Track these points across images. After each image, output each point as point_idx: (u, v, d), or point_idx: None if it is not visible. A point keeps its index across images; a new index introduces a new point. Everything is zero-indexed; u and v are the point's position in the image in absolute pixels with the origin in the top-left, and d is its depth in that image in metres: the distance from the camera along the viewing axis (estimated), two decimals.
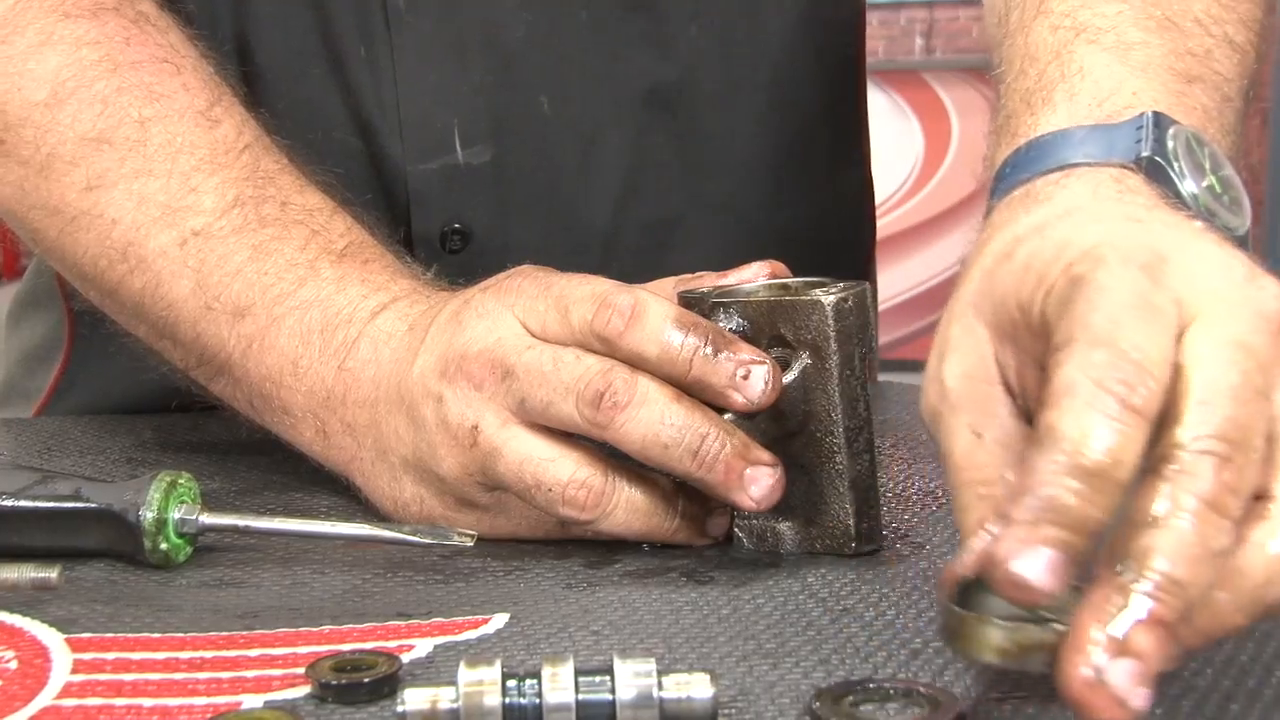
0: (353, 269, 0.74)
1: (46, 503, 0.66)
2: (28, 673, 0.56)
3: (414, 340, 0.69)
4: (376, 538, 0.66)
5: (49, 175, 0.77)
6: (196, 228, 0.75)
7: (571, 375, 0.64)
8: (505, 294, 0.67)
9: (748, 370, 0.63)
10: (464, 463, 0.66)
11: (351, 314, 0.72)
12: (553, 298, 0.66)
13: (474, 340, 0.66)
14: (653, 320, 0.64)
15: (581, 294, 0.65)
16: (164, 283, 0.75)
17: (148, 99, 0.77)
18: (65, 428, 0.91)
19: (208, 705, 0.53)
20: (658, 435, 0.63)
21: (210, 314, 0.74)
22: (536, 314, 0.66)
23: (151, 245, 0.75)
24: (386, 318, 0.72)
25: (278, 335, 0.73)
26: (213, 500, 0.70)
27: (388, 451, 0.70)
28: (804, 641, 0.57)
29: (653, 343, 0.64)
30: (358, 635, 0.59)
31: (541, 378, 0.64)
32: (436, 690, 0.49)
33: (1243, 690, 0.52)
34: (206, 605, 0.62)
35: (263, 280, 0.74)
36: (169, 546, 0.66)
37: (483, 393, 0.65)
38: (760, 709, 0.52)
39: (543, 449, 0.65)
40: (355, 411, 0.71)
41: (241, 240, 0.74)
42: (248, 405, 0.76)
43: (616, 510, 0.65)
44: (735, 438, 0.63)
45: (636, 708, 0.48)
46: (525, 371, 0.65)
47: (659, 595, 0.63)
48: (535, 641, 0.58)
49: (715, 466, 0.63)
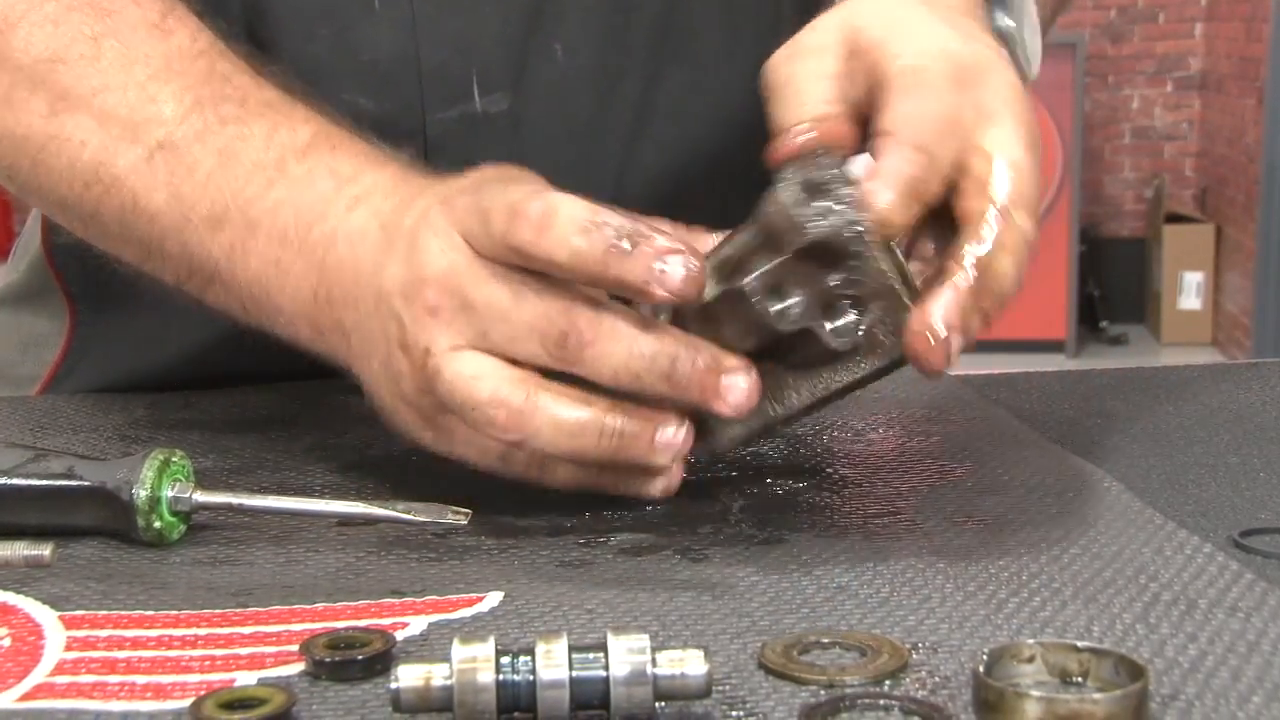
0: (320, 162, 0.73)
1: (39, 481, 0.66)
2: (21, 650, 0.56)
3: (384, 244, 0.68)
4: (370, 516, 0.66)
5: (12, 105, 0.78)
6: (160, 139, 0.75)
7: (534, 313, 0.63)
8: (454, 209, 0.66)
9: (664, 261, 0.61)
10: (417, 382, 0.66)
11: (324, 210, 0.71)
12: (480, 210, 0.64)
13: (429, 264, 0.65)
14: (561, 225, 0.62)
15: (499, 204, 0.64)
16: (140, 199, 0.75)
17: (98, 15, 0.77)
18: (58, 405, 0.91)
19: (201, 682, 0.53)
20: (628, 365, 0.62)
21: (189, 225, 0.74)
22: (471, 231, 0.65)
23: (121, 163, 0.75)
24: (360, 214, 0.70)
25: (256, 239, 0.72)
26: (206, 478, 0.69)
27: (370, 356, 0.69)
28: (799, 619, 0.58)
29: (563, 248, 0.62)
30: (352, 613, 0.59)
31: (502, 315, 0.63)
32: (430, 667, 0.49)
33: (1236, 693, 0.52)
34: (200, 583, 0.62)
35: (232, 186, 0.73)
36: (162, 524, 0.66)
37: (437, 319, 0.65)
38: (754, 685, 0.52)
39: (472, 367, 0.64)
40: (342, 312, 0.70)
41: (206, 146, 0.74)
42: (243, 311, 0.75)
43: (542, 429, 0.63)
44: (704, 353, 0.63)
45: (630, 684, 0.48)
46: (486, 307, 0.64)
47: (653, 573, 0.63)
48: (530, 619, 0.58)
49: (690, 386, 0.63)
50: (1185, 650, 0.54)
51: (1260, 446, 0.82)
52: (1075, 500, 0.71)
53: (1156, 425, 0.87)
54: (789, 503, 0.72)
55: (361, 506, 0.67)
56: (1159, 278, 5.65)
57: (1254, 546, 0.66)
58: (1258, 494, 0.74)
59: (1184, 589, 0.60)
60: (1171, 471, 0.78)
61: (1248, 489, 0.74)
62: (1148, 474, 0.77)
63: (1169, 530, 0.67)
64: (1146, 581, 0.61)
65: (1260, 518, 0.70)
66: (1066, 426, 0.85)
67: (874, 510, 0.71)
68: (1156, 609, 0.58)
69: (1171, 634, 0.56)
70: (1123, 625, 0.57)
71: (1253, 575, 0.61)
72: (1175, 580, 0.61)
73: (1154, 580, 0.61)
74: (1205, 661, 0.53)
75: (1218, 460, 0.79)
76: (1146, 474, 0.77)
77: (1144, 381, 0.98)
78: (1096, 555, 0.64)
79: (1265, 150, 4.83)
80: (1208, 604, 0.58)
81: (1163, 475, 0.77)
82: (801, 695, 0.51)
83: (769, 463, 0.79)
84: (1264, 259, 4.84)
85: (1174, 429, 0.86)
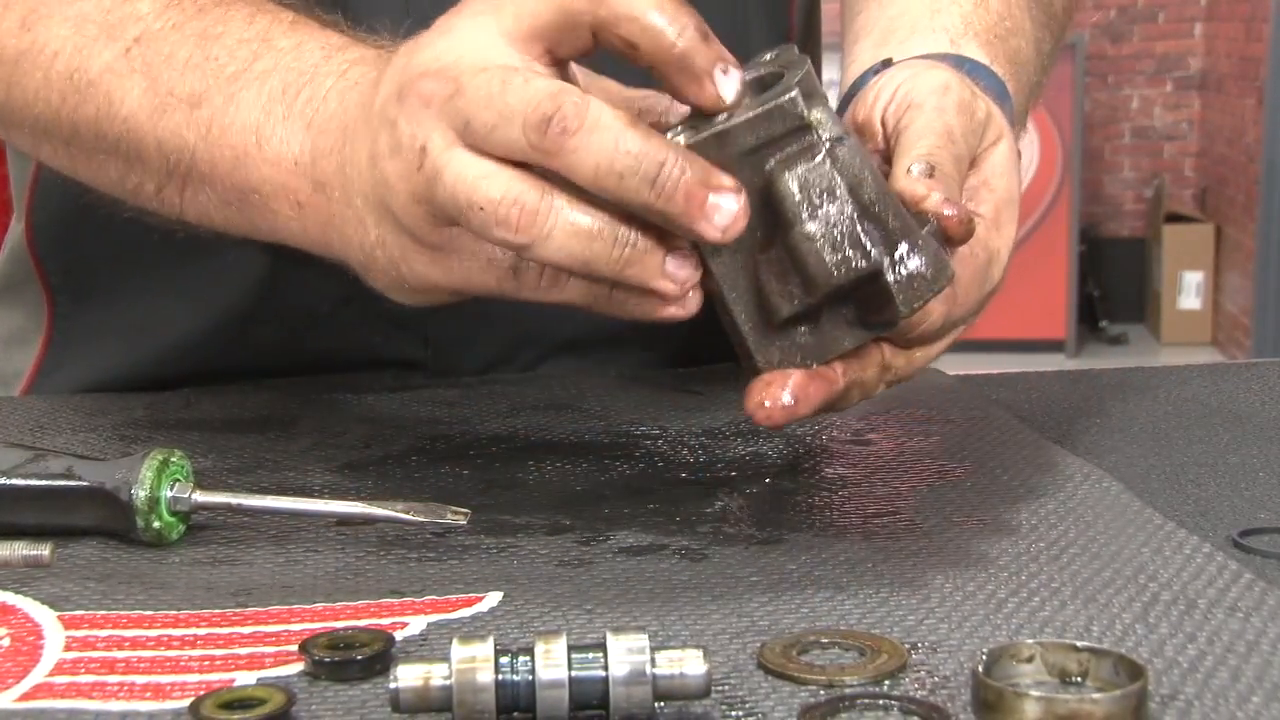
0: (309, 34, 0.70)
1: (38, 481, 0.66)
2: (20, 650, 0.56)
3: (376, 82, 0.65)
4: (369, 515, 0.66)
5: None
6: (137, 34, 0.73)
7: (519, 98, 0.59)
8: (480, 6, 0.61)
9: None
10: (412, 188, 0.62)
11: (314, 73, 0.68)
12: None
13: (431, 57, 0.61)
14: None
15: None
16: (115, 99, 0.73)
17: None
18: (57, 406, 0.91)
19: (200, 682, 0.53)
20: (612, 163, 0.57)
21: (166, 111, 0.71)
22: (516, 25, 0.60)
23: (96, 65, 0.73)
24: (356, 71, 0.67)
25: (236, 111, 0.69)
26: (205, 478, 0.69)
27: (352, 193, 0.65)
28: (798, 619, 0.58)
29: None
30: (351, 613, 0.59)
31: (488, 100, 0.59)
32: (429, 667, 0.49)
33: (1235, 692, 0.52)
34: (199, 583, 0.62)
35: (214, 65, 0.70)
36: (161, 524, 0.66)
37: (431, 109, 0.60)
38: (753, 685, 0.52)
39: (479, 167, 0.60)
40: (323, 164, 0.67)
41: (184, 33, 0.72)
42: (223, 206, 0.72)
43: (554, 232, 0.59)
44: (695, 164, 0.58)
45: (629, 684, 0.48)
46: (474, 91, 0.59)
47: (653, 572, 0.63)
48: (529, 619, 0.58)
49: (675, 195, 0.58)
50: (1184, 650, 0.54)
51: (1260, 446, 0.82)
52: (1075, 500, 0.71)
53: (1156, 425, 0.87)
54: (789, 503, 0.72)
55: (361, 506, 0.67)
56: (1159, 277, 5.65)
57: (1253, 546, 0.66)
58: (1257, 494, 0.74)
59: (1183, 589, 0.60)
60: (1171, 471, 0.78)
61: (1247, 489, 0.74)
62: (1148, 474, 0.77)
63: (1168, 530, 0.67)
64: (1146, 581, 0.61)
65: (1259, 517, 0.70)
66: (1066, 426, 0.85)
67: (873, 510, 0.71)
68: (1156, 609, 0.58)
69: (1171, 634, 0.56)
70: (1122, 625, 0.57)
71: (1252, 575, 0.61)
72: (1174, 580, 0.61)
73: (1153, 580, 0.61)
74: (1204, 661, 0.53)
75: (1217, 460, 0.79)
76: (1146, 474, 0.77)
77: (1144, 381, 0.98)
78: (1096, 555, 0.64)
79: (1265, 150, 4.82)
80: (1207, 604, 0.58)
81: (1162, 475, 0.77)
82: (801, 695, 0.51)
83: (769, 463, 0.79)
84: (1264, 259, 4.84)
85: (1174, 429, 0.86)
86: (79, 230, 0.95)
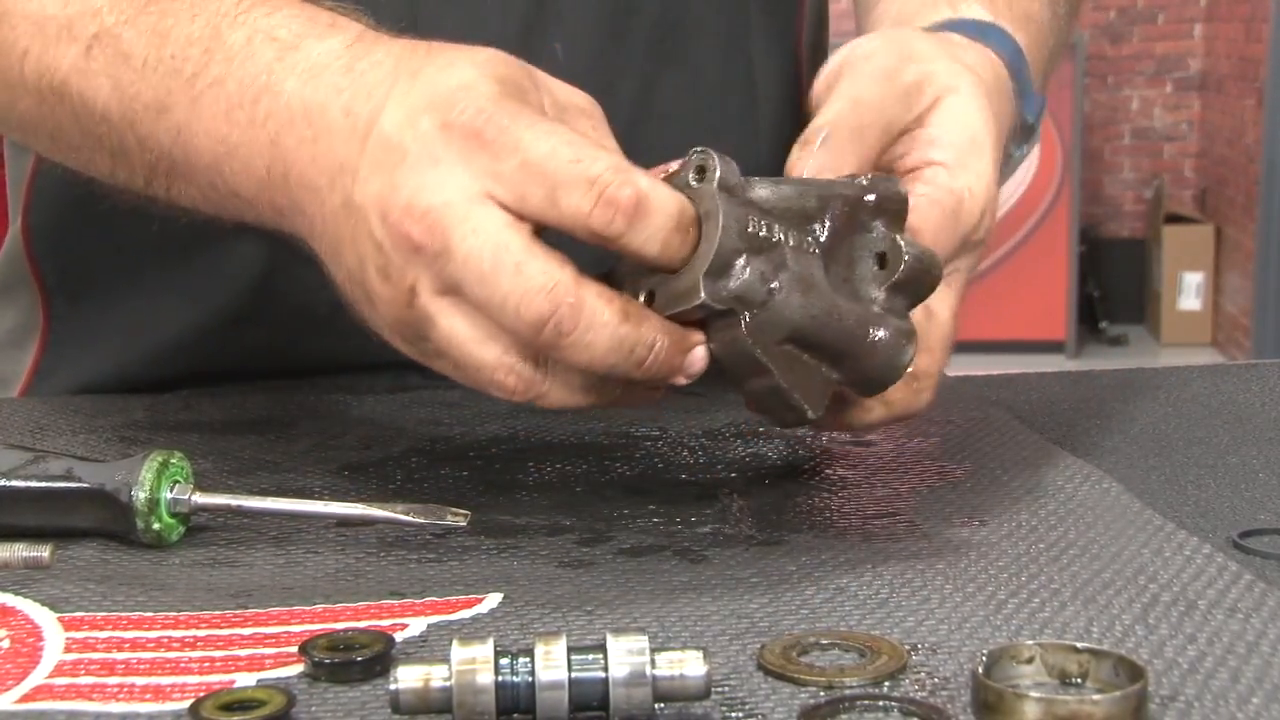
0: (257, 27, 0.68)
1: (38, 482, 0.66)
2: (20, 651, 0.56)
3: (351, 136, 0.63)
4: (369, 517, 0.66)
5: None
6: (95, 31, 0.73)
7: (512, 287, 0.59)
8: (467, 141, 0.60)
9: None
10: (399, 317, 0.62)
11: (269, 82, 0.66)
12: (530, 164, 0.59)
13: (419, 193, 0.60)
14: (657, 221, 0.59)
15: (571, 175, 0.59)
16: (87, 99, 0.73)
17: None
18: (57, 407, 0.91)
19: (200, 684, 0.53)
20: (605, 359, 0.60)
21: (136, 115, 0.71)
22: (509, 182, 0.59)
23: (64, 65, 0.73)
24: (315, 90, 0.65)
25: (200, 119, 0.68)
26: (205, 480, 0.69)
27: (339, 259, 0.65)
28: (798, 620, 0.57)
29: (653, 244, 0.60)
30: (351, 614, 0.59)
31: (479, 278, 0.59)
32: (429, 668, 0.49)
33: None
34: (199, 584, 0.62)
35: (170, 65, 0.70)
36: (161, 526, 0.66)
37: (420, 257, 0.60)
38: (753, 687, 0.52)
39: (472, 331, 0.61)
40: (301, 194, 0.66)
41: (139, 29, 0.71)
42: (209, 201, 0.71)
43: (551, 391, 0.62)
44: (672, 334, 0.60)
45: (629, 685, 0.48)
46: (463, 258, 0.59)
47: (653, 574, 0.63)
48: (529, 621, 0.58)
49: (657, 369, 0.61)
50: (1184, 651, 0.54)
51: (1260, 447, 0.82)
52: (1075, 501, 0.71)
53: (1156, 425, 0.86)
54: (789, 503, 0.72)
55: (361, 508, 0.67)
56: (1159, 278, 5.65)
57: (1253, 547, 0.66)
58: (1257, 494, 0.74)
59: (1183, 590, 0.60)
60: (1171, 472, 0.78)
61: (1247, 489, 0.74)
62: (1148, 474, 0.77)
63: (1168, 531, 0.67)
64: (1146, 582, 0.61)
65: (1259, 518, 0.70)
66: (1066, 426, 0.85)
67: (873, 511, 0.71)
68: (1156, 610, 0.58)
69: (1171, 635, 0.56)
70: (1122, 626, 0.57)
71: (1252, 576, 0.61)
72: (1174, 581, 0.61)
73: (1153, 581, 0.61)
74: (1204, 662, 0.53)
75: (1217, 460, 0.79)
76: (1146, 474, 0.77)
77: (1144, 382, 0.98)
78: (1096, 556, 0.64)
79: (1265, 150, 4.82)
80: (1207, 605, 0.58)
81: (1162, 475, 0.77)
82: (801, 696, 0.51)
83: (769, 463, 0.79)
84: (1264, 259, 4.84)
85: (1174, 429, 0.86)
86: (75, 230, 0.95)
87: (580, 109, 0.67)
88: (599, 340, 0.59)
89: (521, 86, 0.63)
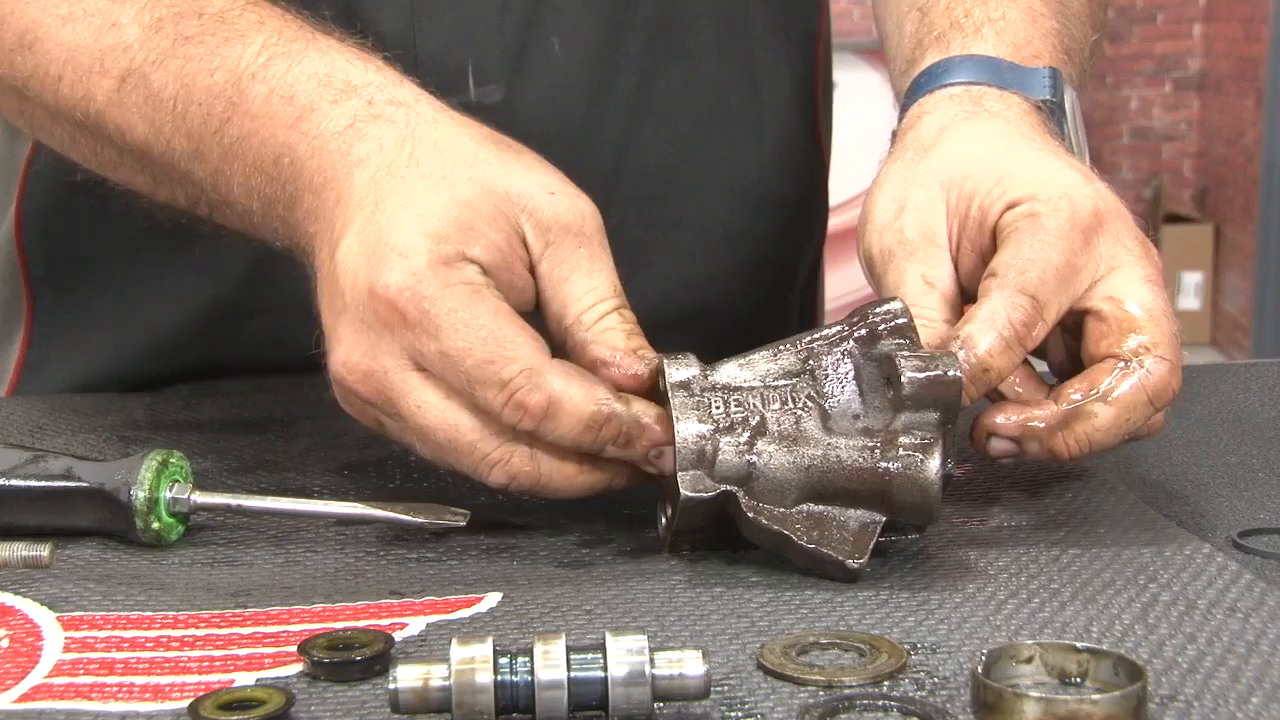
0: (280, 75, 0.70)
1: (38, 482, 0.66)
2: (20, 651, 0.55)
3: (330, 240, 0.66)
4: (369, 517, 0.66)
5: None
6: (126, 67, 0.74)
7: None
8: (391, 314, 0.63)
9: (660, 453, 0.64)
10: (369, 391, 0.65)
11: (287, 144, 0.69)
12: (447, 356, 0.63)
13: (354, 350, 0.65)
14: (565, 422, 0.63)
15: (484, 376, 0.62)
16: (124, 131, 0.75)
17: None
18: (56, 406, 0.91)
19: (200, 683, 0.53)
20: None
21: (175, 159, 0.74)
22: (429, 362, 0.63)
23: (99, 97, 0.75)
24: (322, 164, 0.68)
25: (232, 168, 0.71)
26: (204, 479, 0.69)
27: (329, 319, 0.67)
28: (797, 620, 0.57)
29: (564, 438, 0.64)
30: (350, 613, 0.58)
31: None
32: (428, 668, 0.49)
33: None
34: (199, 583, 0.62)
35: (198, 111, 0.72)
36: (161, 525, 0.66)
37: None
38: (753, 686, 0.52)
39: (440, 408, 0.64)
40: (313, 248, 0.69)
41: (168, 71, 0.73)
42: (250, 228, 0.74)
43: (550, 483, 0.65)
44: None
45: (629, 685, 0.48)
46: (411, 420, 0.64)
47: (652, 573, 0.63)
48: (528, 620, 0.58)
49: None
50: (1184, 651, 0.54)
51: (1260, 447, 0.82)
52: (1075, 500, 0.71)
53: None
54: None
55: (360, 507, 0.67)
56: None
57: (1253, 547, 0.66)
58: (1257, 494, 0.74)
59: (1183, 589, 0.60)
60: (1171, 471, 0.78)
61: (1247, 489, 0.74)
62: (1147, 474, 0.77)
63: (1168, 531, 0.67)
64: (1145, 582, 0.61)
65: (1259, 518, 0.70)
66: None
67: None
68: (1155, 609, 0.58)
69: (1170, 634, 0.56)
70: (1121, 626, 0.57)
71: (1251, 575, 0.61)
72: (1174, 581, 0.61)
73: (1153, 581, 0.61)
74: (1204, 662, 0.53)
75: (1217, 460, 0.79)
76: (1146, 474, 0.77)
77: None
78: (1095, 556, 0.64)
79: (1264, 150, 4.82)
80: (1206, 604, 0.58)
81: (1162, 475, 0.77)
82: (800, 696, 0.51)
83: None
84: (1263, 259, 4.84)
85: (1174, 429, 0.85)
86: (68, 219, 0.95)
87: (569, 228, 0.66)
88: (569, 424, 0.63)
89: (466, 245, 0.64)
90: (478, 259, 0.64)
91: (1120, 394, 0.66)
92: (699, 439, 0.62)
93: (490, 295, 0.63)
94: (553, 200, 0.66)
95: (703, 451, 0.62)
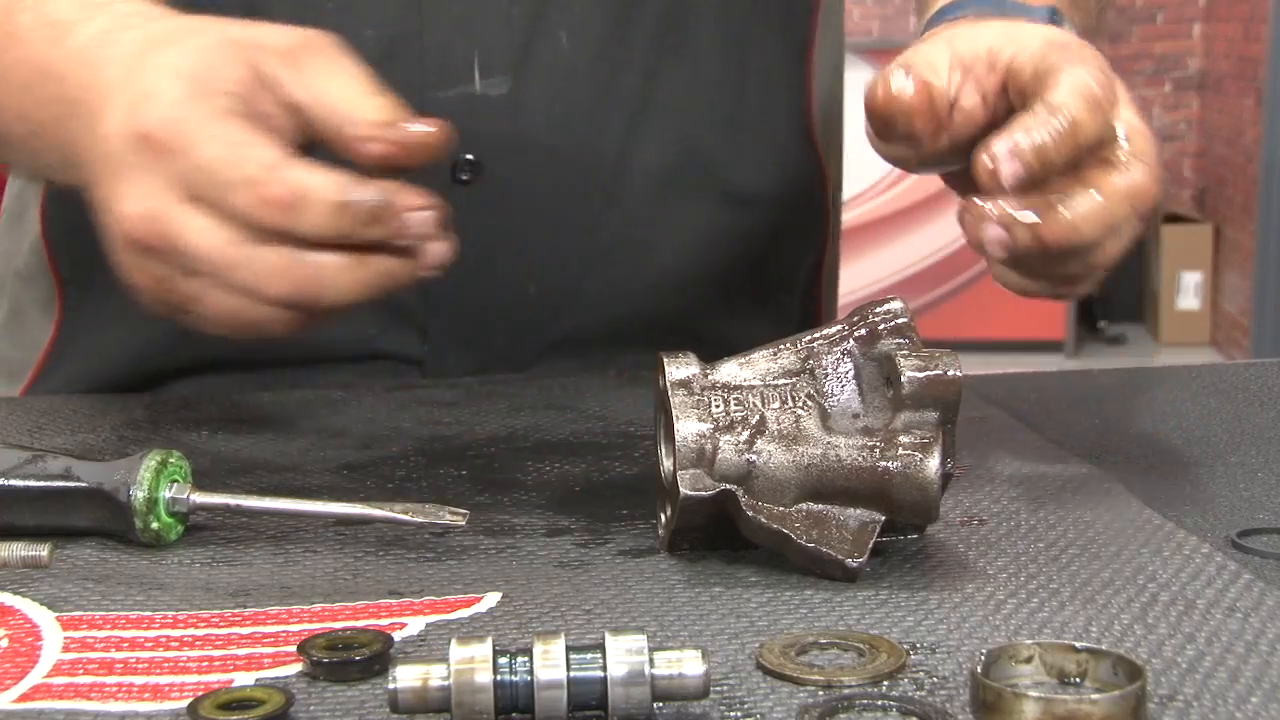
0: (44, 10, 0.74)
1: (36, 481, 0.66)
2: (19, 651, 0.56)
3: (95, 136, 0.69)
4: (368, 517, 0.66)
5: None
6: None
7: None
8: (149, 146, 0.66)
9: (422, 224, 0.65)
10: (149, 233, 0.66)
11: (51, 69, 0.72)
12: (201, 168, 0.65)
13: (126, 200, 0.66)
14: (313, 211, 0.64)
15: (231, 177, 0.64)
16: None
17: None
18: (55, 406, 0.91)
19: (199, 683, 0.53)
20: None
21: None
22: (188, 183, 0.65)
23: None
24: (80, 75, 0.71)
25: (8, 97, 0.75)
26: (204, 479, 0.69)
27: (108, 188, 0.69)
28: (797, 620, 0.57)
29: (315, 229, 0.64)
30: (349, 613, 0.59)
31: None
32: (428, 667, 0.49)
33: None
34: (198, 583, 0.62)
35: None
36: (160, 525, 0.66)
37: (151, 257, 0.66)
38: (752, 686, 0.52)
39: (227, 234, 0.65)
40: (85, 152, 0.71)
41: None
42: (32, 157, 0.77)
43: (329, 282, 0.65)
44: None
45: (628, 684, 0.48)
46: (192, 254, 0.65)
47: (651, 573, 0.63)
48: (527, 620, 0.58)
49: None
50: (1183, 650, 0.54)
51: (1259, 446, 0.82)
52: (1074, 500, 0.71)
53: (1155, 425, 0.86)
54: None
55: (359, 507, 0.67)
56: (1157, 278, 5.65)
57: (1252, 546, 0.65)
58: (1256, 494, 0.74)
59: (1182, 589, 0.60)
60: (1170, 472, 0.78)
61: (1246, 489, 0.74)
62: (1147, 474, 0.77)
63: (1167, 530, 0.67)
64: (1144, 582, 0.61)
65: (1258, 518, 0.70)
66: (1065, 426, 0.85)
67: None
68: (1154, 609, 0.58)
69: (1169, 634, 0.56)
70: (1121, 625, 0.57)
71: (1250, 575, 0.61)
72: (1173, 580, 0.61)
73: (1152, 580, 0.61)
74: (1203, 662, 0.53)
75: (1216, 460, 0.79)
76: (1145, 474, 0.77)
77: (1143, 381, 0.98)
78: (1095, 555, 0.64)
79: (1264, 150, 4.82)
80: (1206, 604, 0.58)
81: (1161, 475, 0.77)
82: (799, 696, 0.51)
83: None
84: (1262, 259, 4.84)
85: (1173, 429, 0.86)
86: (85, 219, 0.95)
87: (307, 48, 0.69)
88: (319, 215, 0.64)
89: (214, 82, 0.67)
90: (229, 90, 0.66)
91: (1107, 185, 0.70)
92: (698, 438, 0.62)
93: (242, 118, 0.66)
94: (284, 32, 0.69)
95: (702, 450, 0.62)
